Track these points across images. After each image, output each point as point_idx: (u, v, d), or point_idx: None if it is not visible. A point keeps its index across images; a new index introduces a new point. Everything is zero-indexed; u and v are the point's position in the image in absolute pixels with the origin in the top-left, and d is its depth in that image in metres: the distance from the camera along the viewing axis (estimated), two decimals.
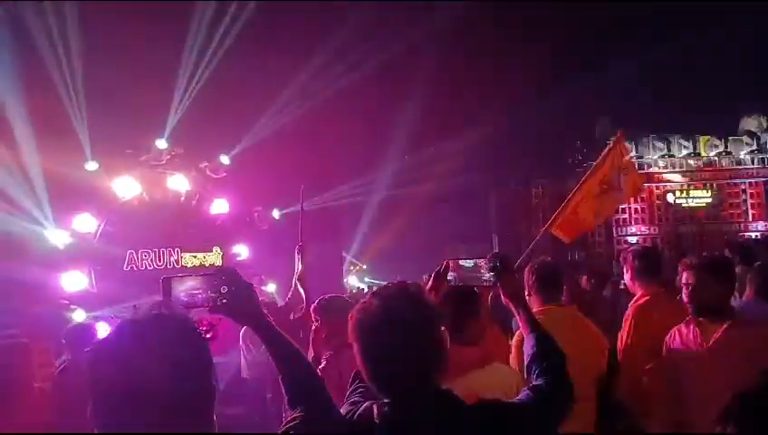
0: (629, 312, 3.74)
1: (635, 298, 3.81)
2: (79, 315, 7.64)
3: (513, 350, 3.40)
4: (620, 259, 4.09)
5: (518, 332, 3.45)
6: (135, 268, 9.35)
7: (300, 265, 5.21)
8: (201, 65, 10.22)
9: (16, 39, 8.02)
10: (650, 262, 3.87)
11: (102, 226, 8.89)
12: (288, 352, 1.78)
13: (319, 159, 12.11)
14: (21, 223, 8.07)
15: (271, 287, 10.40)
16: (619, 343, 3.76)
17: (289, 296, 5.29)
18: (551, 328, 3.50)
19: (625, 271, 3.94)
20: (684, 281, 3.13)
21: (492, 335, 3.87)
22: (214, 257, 10.28)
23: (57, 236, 8.40)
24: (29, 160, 8.20)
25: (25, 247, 7.96)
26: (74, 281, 8.19)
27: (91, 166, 9.14)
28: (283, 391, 1.76)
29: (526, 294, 3.61)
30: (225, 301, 1.74)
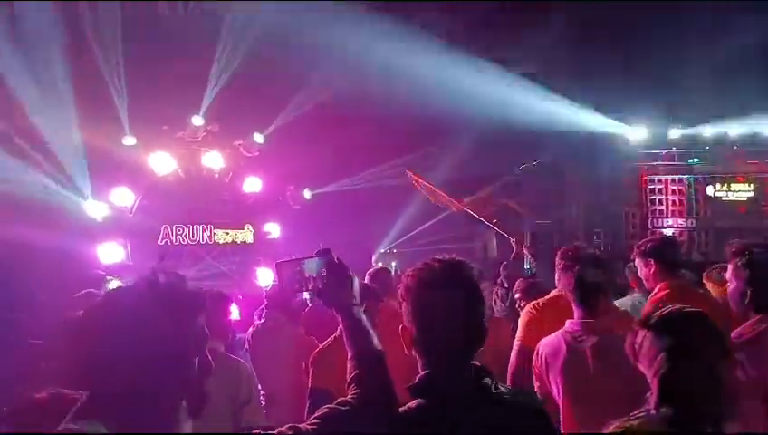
0: (648, 308, 3.57)
1: (653, 292, 3.55)
2: (115, 286, 7.85)
3: (519, 326, 3.43)
4: (634, 253, 3.73)
5: (526, 309, 3.48)
6: (169, 243, 9.59)
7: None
8: (239, 43, 10.29)
9: (59, 14, 8.20)
10: (668, 253, 3.62)
11: (139, 200, 9.12)
12: (368, 357, 1.65)
13: (354, 140, 12.07)
14: (60, 193, 8.32)
15: None
16: None
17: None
18: (557, 313, 3.38)
19: (642, 265, 3.65)
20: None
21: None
22: (245, 235, 10.46)
23: (95, 209, 8.65)
24: (71, 134, 8.43)
25: (63, 218, 8.20)
26: (110, 252, 8.44)
27: (129, 141, 9.34)
28: (352, 388, 1.63)
29: (556, 278, 3.40)
30: (321, 286, 1.68)
